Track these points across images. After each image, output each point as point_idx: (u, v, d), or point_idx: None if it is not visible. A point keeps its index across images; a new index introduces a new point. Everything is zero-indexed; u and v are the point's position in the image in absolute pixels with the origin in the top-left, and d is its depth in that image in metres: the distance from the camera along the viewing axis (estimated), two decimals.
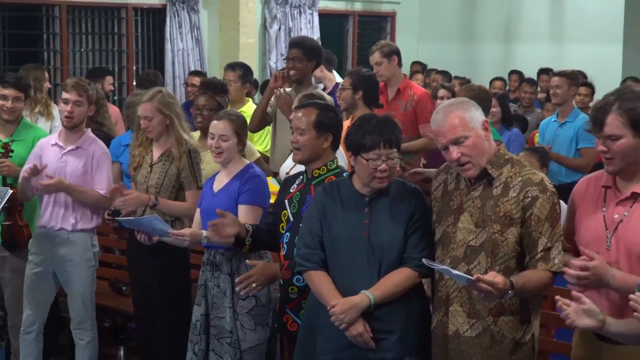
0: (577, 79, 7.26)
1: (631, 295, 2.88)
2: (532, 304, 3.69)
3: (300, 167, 4.44)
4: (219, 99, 6.10)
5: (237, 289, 4.32)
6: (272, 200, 4.94)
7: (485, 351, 3.63)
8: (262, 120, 6.65)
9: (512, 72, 11.82)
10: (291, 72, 6.60)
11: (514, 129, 7.67)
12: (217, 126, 4.77)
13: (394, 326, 3.77)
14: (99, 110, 6.69)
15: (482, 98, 6.01)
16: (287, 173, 4.89)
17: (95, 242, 5.49)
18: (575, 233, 3.61)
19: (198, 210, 4.90)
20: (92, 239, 5.44)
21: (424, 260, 3.62)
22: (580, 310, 3.13)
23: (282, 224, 4.30)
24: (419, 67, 11.83)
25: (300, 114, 4.27)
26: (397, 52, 7.01)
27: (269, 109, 6.63)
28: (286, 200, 4.32)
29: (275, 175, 6.21)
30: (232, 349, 4.66)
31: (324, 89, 7.62)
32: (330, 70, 8.59)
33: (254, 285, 4.24)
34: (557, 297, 3.23)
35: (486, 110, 6.32)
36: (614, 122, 3.37)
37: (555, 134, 6.93)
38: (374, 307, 3.71)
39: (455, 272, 3.48)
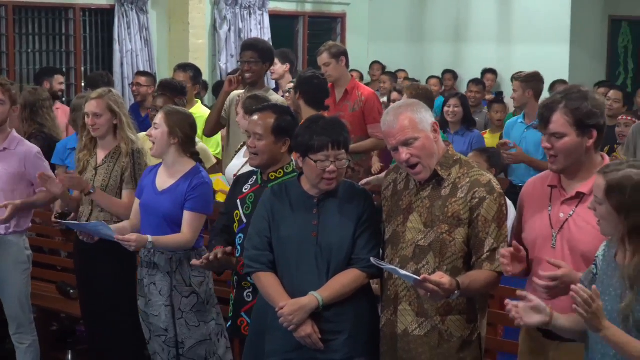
0: (531, 82, 7.26)
1: (572, 286, 2.92)
2: (479, 303, 3.72)
3: (248, 167, 4.43)
4: (178, 100, 6.09)
5: (192, 262, 4.29)
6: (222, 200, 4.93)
7: (433, 350, 3.66)
8: (217, 124, 6.62)
9: (446, 71, 11.94)
10: (247, 75, 6.62)
11: (475, 130, 7.72)
12: (155, 117, 4.83)
13: (343, 327, 3.78)
14: (38, 111, 6.64)
15: (426, 98, 6.06)
16: (235, 175, 4.87)
17: (28, 245, 5.43)
18: (522, 233, 3.66)
19: (137, 201, 4.87)
20: (25, 242, 5.39)
21: (372, 259, 3.64)
22: (527, 309, 3.17)
23: (235, 224, 4.30)
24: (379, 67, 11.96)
25: (257, 119, 4.25)
26: (345, 53, 7.04)
27: (222, 113, 6.61)
28: (238, 200, 4.31)
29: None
30: (167, 347, 4.69)
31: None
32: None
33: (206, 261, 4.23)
34: (507, 300, 3.26)
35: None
36: (559, 121, 3.42)
37: (523, 135, 6.97)
38: (323, 308, 3.71)
39: (403, 272, 3.50)
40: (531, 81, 7.21)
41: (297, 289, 3.75)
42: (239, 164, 5.47)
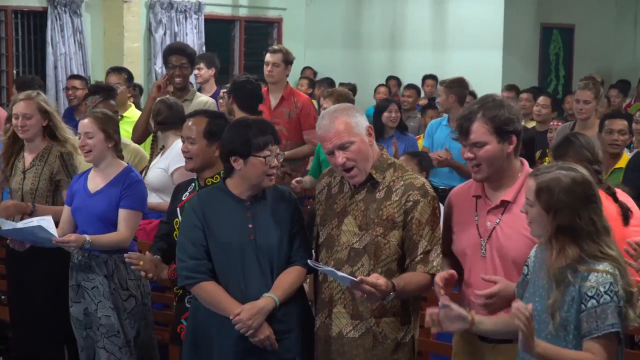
0: (454, 87, 7.36)
1: (514, 304, 2.98)
2: (412, 305, 3.76)
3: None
4: (113, 102, 6.05)
5: (127, 259, 4.26)
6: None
7: (368, 351, 3.69)
8: (146, 130, 6.58)
9: (390, 77, 12.05)
10: (178, 80, 6.65)
11: (409, 135, 7.79)
12: (82, 124, 4.76)
13: (292, 325, 3.82)
14: None
15: (341, 100, 6.11)
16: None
17: None
18: (451, 243, 3.71)
19: (67, 209, 4.82)
20: None
21: (309, 261, 3.68)
22: (448, 316, 3.23)
23: (175, 232, 4.25)
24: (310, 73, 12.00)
25: (190, 123, 4.27)
26: (292, 63, 7.12)
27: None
28: (178, 209, 4.30)
29: None
30: (122, 347, 4.69)
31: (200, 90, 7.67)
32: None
33: (139, 265, 4.18)
34: (427, 309, 3.31)
35: None
36: (479, 130, 3.48)
37: (446, 139, 7.05)
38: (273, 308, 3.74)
39: (340, 273, 3.52)
40: (454, 87, 7.31)
41: (245, 294, 3.74)
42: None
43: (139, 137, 6.60)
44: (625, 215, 4.31)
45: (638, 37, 13.91)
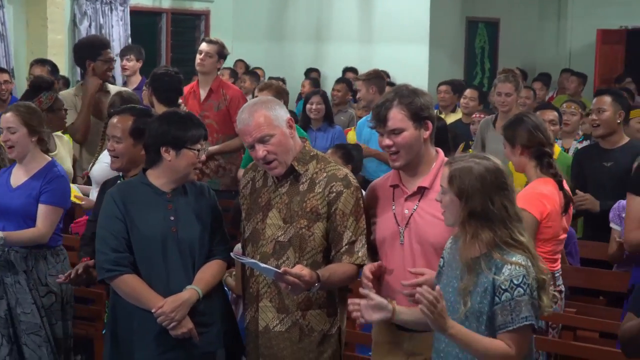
0: (373, 79, 7.37)
1: (418, 289, 3.03)
2: (338, 297, 3.78)
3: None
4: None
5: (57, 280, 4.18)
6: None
7: (295, 345, 3.70)
8: (87, 129, 6.49)
9: (311, 69, 12.08)
10: (110, 73, 6.62)
11: (336, 126, 7.82)
12: (5, 118, 4.69)
13: (214, 318, 3.82)
14: None
15: (280, 94, 6.19)
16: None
17: None
18: (371, 233, 3.74)
19: None
20: None
21: (232, 254, 3.70)
22: (369, 306, 3.26)
23: None
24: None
25: (115, 121, 4.21)
26: (225, 57, 7.09)
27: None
28: None
29: None
30: (45, 343, 4.63)
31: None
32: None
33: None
34: (349, 300, 3.33)
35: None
36: (396, 116, 3.55)
37: (371, 132, 7.11)
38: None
39: (263, 265, 3.53)
40: (372, 78, 7.34)
41: (167, 287, 3.72)
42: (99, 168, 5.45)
43: (82, 137, 6.51)
44: (567, 204, 4.41)
45: (561, 31, 14.19)
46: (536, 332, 3.18)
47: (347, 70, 11.64)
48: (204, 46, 6.99)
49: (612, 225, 5.15)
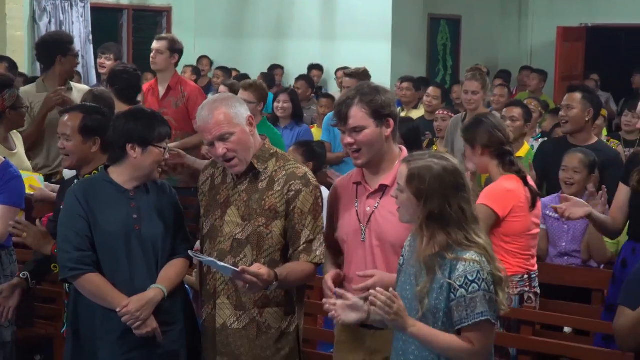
0: (363, 78, 7.38)
1: (371, 291, 3.04)
2: (296, 295, 3.78)
3: None
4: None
5: (11, 229, 4.11)
6: None
7: (252, 342, 3.69)
8: (34, 142, 6.40)
9: (275, 66, 12.07)
10: (75, 70, 6.59)
11: (303, 125, 7.82)
12: None
13: (177, 317, 3.81)
14: None
15: (261, 92, 6.32)
16: None
17: None
18: (334, 230, 3.75)
19: None
20: None
21: (190, 252, 3.67)
22: (345, 306, 3.25)
23: None
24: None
25: (65, 119, 4.18)
26: (180, 53, 7.06)
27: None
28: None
29: None
30: None
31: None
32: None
33: (22, 237, 4.07)
34: (324, 299, 3.35)
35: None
36: (357, 114, 3.55)
37: (338, 130, 7.11)
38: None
39: (221, 263, 3.53)
40: (362, 76, 7.34)
41: (131, 286, 3.70)
42: None
43: (28, 147, 6.42)
44: (534, 199, 4.45)
45: (522, 28, 14.29)
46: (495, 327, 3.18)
47: (312, 67, 11.64)
48: (154, 44, 7.02)
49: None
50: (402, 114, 8.25)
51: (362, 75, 7.17)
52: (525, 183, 4.45)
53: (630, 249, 4.60)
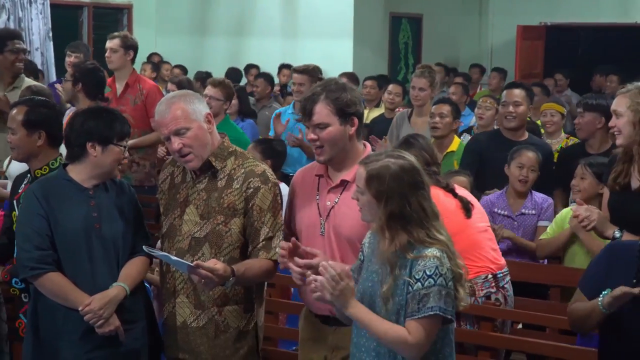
0: (314, 74, 7.41)
1: (322, 263, 3.06)
2: (255, 293, 3.78)
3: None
4: None
5: None
6: None
7: (211, 341, 3.69)
8: None
9: (251, 65, 12.04)
10: (20, 65, 6.59)
11: (247, 120, 7.83)
12: None
13: (139, 315, 3.80)
14: None
15: (228, 90, 6.41)
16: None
17: None
18: (293, 220, 3.76)
19: None
20: None
21: (144, 247, 3.66)
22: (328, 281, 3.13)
23: (14, 225, 4.09)
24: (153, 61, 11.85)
25: (13, 113, 4.20)
26: (135, 48, 7.01)
27: None
28: (15, 201, 4.19)
29: None
30: None
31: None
32: None
33: None
34: (307, 276, 3.26)
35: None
36: (322, 111, 3.55)
37: (295, 126, 7.11)
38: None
39: (175, 258, 3.52)
40: (313, 73, 7.35)
41: (92, 284, 3.68)
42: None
43: None
44: (467, 208, 4.47)
45: (482, 26, 14.39)
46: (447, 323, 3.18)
47: (283, 67, 11.60)
48: (107, 43, 7.01)
49: None
50: (364, 112, 8.28)
51: (312, 71, 7.18)
52: (455, 195, 4.48)
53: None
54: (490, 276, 4.51)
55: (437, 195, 4.38)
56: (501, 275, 4.55)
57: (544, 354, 4.46)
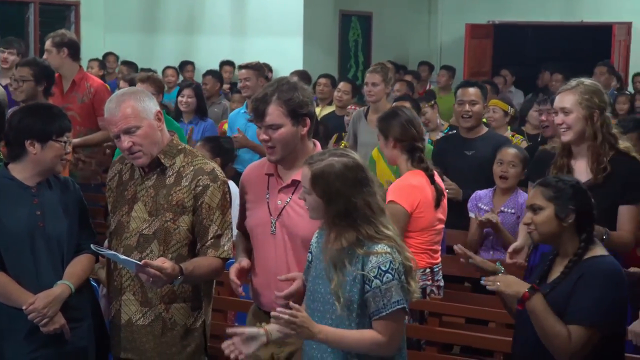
0: (262, 71, 7.45)
1: (272, 313, 3.05)
2: (204, 290, 3.78)
3: None
4: None
5: None
6: None
7: (157, 338, 3.68)
8: None
9: (186, 62, 12.00)
10: None
11: (208, 120, 7.78)
12: None
13: (85, 313, 3.78)
14: None
15: (158, 84, 6.39)
16: None
17: None
18: (244, 219, 3.76)
19: None
20: None
21: (92, 246, 3.65)
22: (243, 340, 3.17)
23: None
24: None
25: None
26: (68, 45, 6.88)
27: None
28: None
29: None
30: None
31: None
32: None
33: None
34: (223, 344, 3.23)
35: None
36: (274, 112, 3.55)
37: (247, 125, 7.11)
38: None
39: (123, 257, 3.51)
40: (261, 69, 7.37)
41: (36, 283, 3.65)
42: None
43: None
44: (439, 198, 4.51)
45: (431, 25, 14.51)
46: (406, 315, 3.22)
47: (224, 63, 11.58)
48: (45, 44, 6.90)
49: (470, 214, 5.35)
50: (317, 110, 8.31)
51: (256, 66, 7.19)
52: (432, 181, 4.51)
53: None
54: (428, 270, 4.58)
55: (423, 185, 4.45)
56: (437, 269, 4.64)
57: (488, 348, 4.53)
